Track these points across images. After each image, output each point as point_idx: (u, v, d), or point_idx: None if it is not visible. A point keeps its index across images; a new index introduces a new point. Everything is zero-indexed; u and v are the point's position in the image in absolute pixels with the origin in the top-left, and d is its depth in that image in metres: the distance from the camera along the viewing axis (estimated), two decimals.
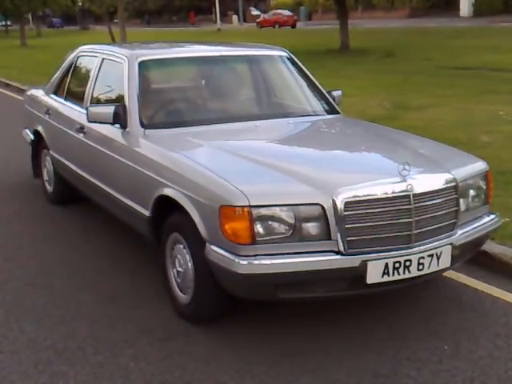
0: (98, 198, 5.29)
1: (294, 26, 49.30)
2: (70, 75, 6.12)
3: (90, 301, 4.26)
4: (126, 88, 4.71)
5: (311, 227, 3.41)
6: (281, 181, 3.59)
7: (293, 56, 5.57)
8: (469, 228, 3.87)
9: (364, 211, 3.44)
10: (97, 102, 5.26)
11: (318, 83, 5.47)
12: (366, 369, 3.40)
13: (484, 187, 4.07)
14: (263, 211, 3.36)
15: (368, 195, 3.46)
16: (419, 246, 3.55)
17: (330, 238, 3.41)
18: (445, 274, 4.27)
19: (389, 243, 3.48)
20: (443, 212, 3.67)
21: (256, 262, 3.35)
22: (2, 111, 13.16)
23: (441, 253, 3.62)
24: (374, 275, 3.44)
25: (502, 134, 8.48)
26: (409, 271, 3.52)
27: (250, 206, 3.33)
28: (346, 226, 3.40)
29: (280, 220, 3.38)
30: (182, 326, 3.89)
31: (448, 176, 3.76)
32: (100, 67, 5.40)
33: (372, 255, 3.43)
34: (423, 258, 3.54)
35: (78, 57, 6.09)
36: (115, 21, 42.86)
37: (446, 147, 4.55)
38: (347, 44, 24.79)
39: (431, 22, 41.22)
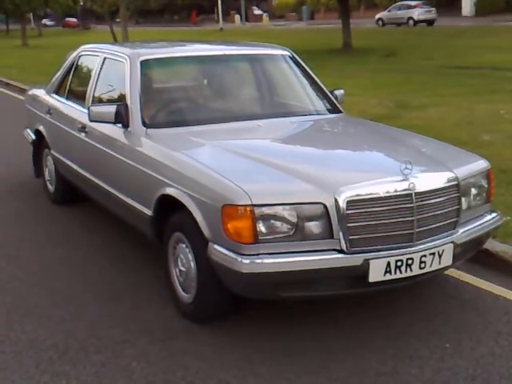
0: (99, 198, 5.29)
1: (77, 27, 68.51)
2: (71, 75, 6.12)
3: (92, 300, 4.26)
4: (128, 87, 4.71)
5: (313, 226, 3.41)
6: (283, 180, 3.59)
7: (295, 55, 5.56)
8: (470, 226, 3.88)
9: (366, 210, 3.44)
10: (98, 101, 5.27)
11: (320, 82, 5.47)
12: (368, 367, 3.40)
13: (486, 186, 4.07)
14: (266, 210, 3.36)
15: (370, 194, 3.46)
16: (421, 244, 3.55)
17: (332, 237, 3.41)
18: (446, 272, 4.27)
19: (391, 242, 3.49)
20: (445, 210, 3.68)
21: (258, 260, 3.36)
22: (2, 111, 13.16)
23: (442, 251, 3.62)
24: (376, 274, 3.45)
25: (503, 132, 8.48)
26: (411, 269, 3.53)
27: (253, 205, 3.34)
28: (349, 225, 3.40)
29: (282, 219, 3.38)
30: (184, 325, 3.89)
31: (450, 175, 3.76)
32: (102, 66, 5.40)
33: (374, 254, 3.44)
34: (425, 256, 3.54)
35: (79, 56, 6.09)
36: (117, 20, 42.84)
37: (447, 146, 4.55)
38: (349, 43, 24.79)
39: None
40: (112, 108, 4.56)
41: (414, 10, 41.58)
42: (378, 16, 44.36)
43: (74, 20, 72.30)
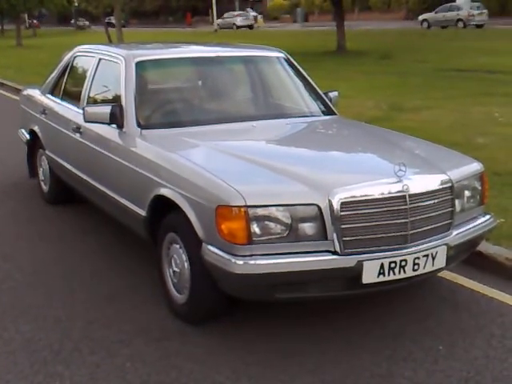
0: (94, 198, 5.29)
1: (38, 27, 70.20)
2: (66, 75, 6.12)
3: (87, 301, 4.25)
4: (123, 88, 4.71)
5: (307, 227, 3.42)
6: (277, 181, 3.60)
7: (289, 57, 5.57)
8: (464, 228, 3.89)
9: (360, 211, 3.45)
10: (93, 102, 5.26)
11: (314, 84, 5.48)
12: (363, 369, 3.41)
13: (479, 188, 4.08)
14: (260, 211, 3.37)
15: (364, 195, 3.47)
16: (415, 246, 3.56)
17: (326, 238, 3.42)
18: (440, 274, 4.28)
19: (384, 243, 3.49)
20: (439, 212, 3.69)
21: (252, 261, 3.36)
22: None
23: (436, 253, 3.63)
24: (369, 275, 3.45)
25: (497, 135, 8.50)
26: (404, 271, 3.53)
27: (247, 206, 3.34)
28: (342, 226, 3.41)
29: (276, 220, 3.38)
30: (178, 325, 3.89)
31: (443, 177, 3.77)
32: (97, 67, 5.40)
33: (368, 255, 3.44)
34: (418, 258, 3.55)
35: (74, 57, 6.09)
36: (112, 21, 42.74)
37: (441, 148, 4.57)
38: (344, 45, 24.78)
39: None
40: (107, 109, 4.57)
41: (236, 18, 57.55)
42: (232, 22, 57.62)
43: (35, 21, 75.15)
